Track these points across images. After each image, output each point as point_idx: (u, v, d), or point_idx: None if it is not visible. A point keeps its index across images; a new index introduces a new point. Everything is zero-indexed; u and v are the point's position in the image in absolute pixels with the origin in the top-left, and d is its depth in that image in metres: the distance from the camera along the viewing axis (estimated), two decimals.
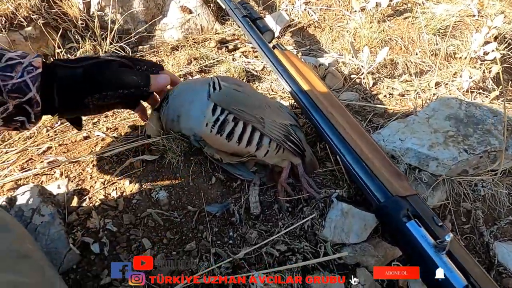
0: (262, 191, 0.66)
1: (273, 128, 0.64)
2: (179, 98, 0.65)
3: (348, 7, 1.15)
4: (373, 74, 0.97)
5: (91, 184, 0.69)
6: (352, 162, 0.62)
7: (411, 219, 0.54)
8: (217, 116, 0.61)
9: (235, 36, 1.16)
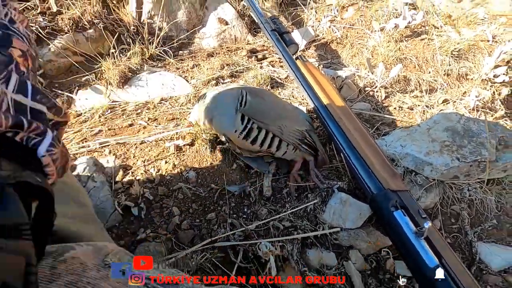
0: (274, 179, 0.77)
1: (290, 134, 0.76)
2: (213, 105, 0.78)
3: (369, 27, 1.26)
4: (386, 88, 1.06)
5: (133, 162, 0.83)
6: (353, 159, 0.72)
7: (398, 209, 0.63)
8: (245, 124, 0.73)
9: (264, 47, 1.29)
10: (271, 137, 0.74)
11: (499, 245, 0.73)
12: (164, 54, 1.21)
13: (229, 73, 1.13)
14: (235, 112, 0.74)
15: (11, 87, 0.32)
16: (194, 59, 1.24)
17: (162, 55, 1.21)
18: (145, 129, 0.94)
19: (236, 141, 0.76)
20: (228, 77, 1.12)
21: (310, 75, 0.92)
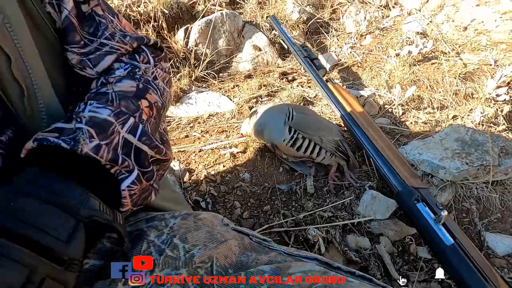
0: (315, 179, 0.94)
1: (328, 143, 0.93)
2: (264, 117, 0.96)
3: (386, 53, 1.44)
4: (403, 105, 1.24)
5: (195, 166, 1.01)
6: (380, 162, 0.89)
7: (419, 202, 0.79)
8: (292, 135, 0.90)
9: (293, 69, 1.48)
10: (313, 145, 0.91)
11: (504, 235, 0.88)
12: (208, 76, 1.41)
13: (266, 92, 1.31)
14: (283, 125, 0.91)
15: (125, 128, 0.41)
16: (234, 80, 1.43)
17: (206, 77, 1.40)
18: (199, 140, 1.12)
19: (283, 148, 0.93)
20: (266, 96, 1.30)
21: (339, 94, 1.10)
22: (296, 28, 1.56)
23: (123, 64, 0.48)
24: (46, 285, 0.30)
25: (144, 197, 0.43)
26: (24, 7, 0.40)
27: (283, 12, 1.58)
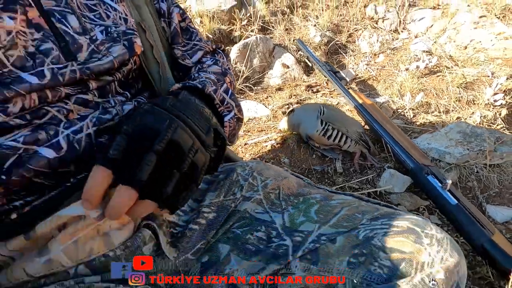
0: (343, 162, 1.15)
1: (353, 133, 1.15)
2: (300, 114, 1.19)
3: (397, 68, 1.68)
4: (413, 110, 1.46)
5: (243, 156, 1.24)
6: (397, 148, 1.10)
7: (429, 175, 1.00)
8: (323, 126, 1.13)
9: (317, 83, 1.73)
10: (341, 134, 1.13)
11: (502, 206, 1.06)
12: (245, 89, 1.66)
13: (295, 101, 1.56)
14: (316, 119, 1.14)
15: (222, 88, 0.62)
16: (266, 92, 1.68)
17: (244, 89, 1.66)
18: (242, 138, 1.35)
19: (316, 138, 1.16)
20: (296, 103, 1.55)
21: (359, 98, 1.33)
22: (318, 49, 1.83)
23: (209, 58, 0.71)
24: (197, 155, 0.43)
25: (233, 134, 0.64)
26: (154, 22, 0.66)
27: (307, 36, 1.86)
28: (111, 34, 0.53)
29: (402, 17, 1.99)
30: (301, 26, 1.94)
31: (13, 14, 0.44)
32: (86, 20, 0.51)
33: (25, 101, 0.44)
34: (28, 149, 0.43)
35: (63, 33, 0.48)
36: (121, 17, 0.56)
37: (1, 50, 0.43)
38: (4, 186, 0.43)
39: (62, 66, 0.46)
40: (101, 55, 0.50)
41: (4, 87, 0.42)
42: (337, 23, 1.97)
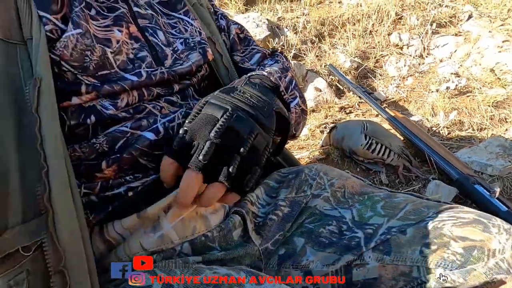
0: (387, 175, 1.20)
1: (395, 147, 1.21)
2: (344, 130, 1.26)
3: (426, 89, 1.76)
4: (447, 128, 1.51)
5: None
6: (439, 160, 1.15)
7: (476, 184, 1.04)
8: (367, 141, 1.20)
9: (349, 105, 1.81)
10: (384, 148, 1.19)
11: None
12: None
13: (331, 121, 1.63)
14: (360, 133, 1.21)
15: (287, 79, 0.67)
16: None
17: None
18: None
19: (360, 152, 1.22)
20: (331, 123, 1.62)
21: (396, 116, 1.40)
22: (348, 74, 1.93)
23: (269, 60, 0.78)
24: (257, 139, 0.46)
25: (298, 122, 0.68)
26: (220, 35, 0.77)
27: (337, 62, 1.97)
28: (189, 44, 0.65)
29: (425, 43, 2.10)
30: (330, 53, 2.06)
31: (120, 28, 0.57)
32: (169, 35, 0.64)
33: (129, 98, 0.55)
34: (134, 133, 0.54)
35: (154, 45, 0.60)
36: (196, 30, 0.69)
37: (112, 54, 0.55)
38: (117, 164, 0.52)
39: (153, 69, 0.58)
40: (182, 61, 0.63)
41: (113, 83, 0.53)
42: (364, 50, 2.08)
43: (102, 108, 0.53)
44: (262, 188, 0.69)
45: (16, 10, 0.49)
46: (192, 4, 0.75)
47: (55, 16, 0.51)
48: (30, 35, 0.48)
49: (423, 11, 2.29)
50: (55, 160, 0.44)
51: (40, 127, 0.44)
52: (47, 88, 0.46)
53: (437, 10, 2.28)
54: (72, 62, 0.50)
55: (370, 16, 2.28)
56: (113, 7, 0.59)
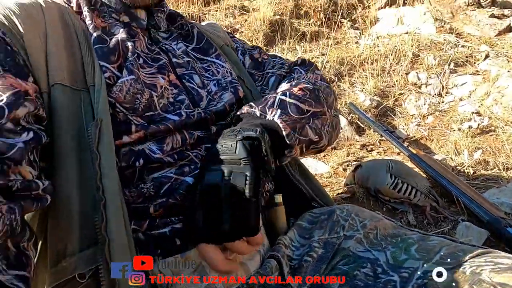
0: (414, 216, 1.19)
1: (422, 187, 1.21)
2: (369, 169, 1.27)
3: (448, 127, 1.77)
4: (472, 167, 1.50)
5: None
6: (468, 201, 1.14)
7: (508, 227, 1.02)
8: (393, 180, 1.21)
9: (370, 142, 1.83)
10: (411, 188, 1.19)
11: None
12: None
13: (353, 158, 1.65)
14: (386, 173, 1.22)
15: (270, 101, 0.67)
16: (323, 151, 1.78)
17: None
18: None
19: (386, 191, 1.22)
20: (354, 161, 1.63)
21: (418, 154, 1.40)
22: (368, 112, 1.96)
23: (285, 80, 0.80)
24: (231, 180, 0.50)
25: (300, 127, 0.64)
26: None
27: (357, 101, 2.01)
28: (221, 85, 0.72)
29: (444, 82, 2.13)
30: (349, 92, 2.11)
31: (163, 76, 0.65)
32: (204, 78, 0.71)
33: (173, 142, 0.60)
34: (178, 178, 0.58)
35: (190, 89, 0.68)
36: (227, 71, 0.75)
37: (157, 98, 0.62)
38: (163, 208, 0.56)
39: (191, 110, 0.65)
40: (216, 102, 0.69)
41: (158, 123, 0.60)
42: (382, 89, 2.13)
43: (150, 152, 0.58)
44: (294, 230, 0.70)
45: (81, 62, 0.57)
46: (220, 46, 0.82)
47: (112, 66, 0.59)
48: (92, 82, 0.55)
49: (440, 51, 2.35)
50: (112, 193, 0.49)
51: (100, 163, 0.49)
52: (106, 127, 0.52)
53: (454, 50, 2.34)
54: (125, 103, 0.57)
55: (387, 56, 2.35)
56: (157, 58, 0.67)
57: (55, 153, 0.50)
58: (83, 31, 0.60)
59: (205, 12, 2.99)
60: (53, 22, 0.57)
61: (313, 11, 3.04)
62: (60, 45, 0.56)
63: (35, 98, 0.49)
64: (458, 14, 2.96)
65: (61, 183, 0.49)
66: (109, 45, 0.60)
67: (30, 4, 0.57)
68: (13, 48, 0.50)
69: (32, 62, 0.52)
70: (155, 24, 0.72)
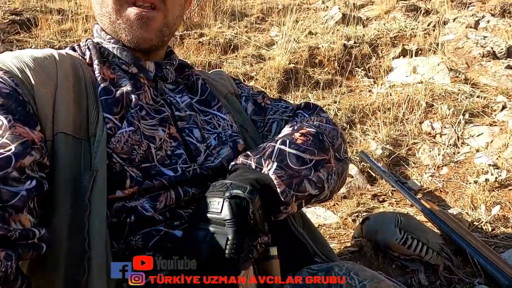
0: (426, 275, 1.12)
1: (433, 244, 1.15)
2: (377, 222, 1.23)
3: (464, 180, 1.71)
4: (491, 223, 1.42)
5: None
6: (485, 262, 1.06)
7: None
8: (402, 235, 1.15)
9: (382, 193, 1.78)
10: (421, 244, 1.13)
11: None
12: None
13: (364, 209, 1.59)
14: (394, 227, 1.16)
15: (279, 143, 0.66)
16: (333, 200, 1.74)
17: None
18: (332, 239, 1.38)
19: (395, 247, 1.16)
20: (364, 212, 1.58)
21: (433, 209, 1.35)
22: (380, 161, 1.93)
23: (288, 125, 0.78)
24: (213, 242, 0.49)
25: (297, 183, 0.61)
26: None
27: (368, 149, 1.99)
28: (221, 139, 0.72)
29: (459, 133, 2.09)
30: (361, 140, 2.10)
31: (164, 128, 0.66)
32: (204, 131, 0.72)
33: (167, 199, 0.60)
34: (168, 232, 0.58)
35: (189, 143, 0.68)
36: (228, 123, 0.76)
37: (155, 149, 0.62)
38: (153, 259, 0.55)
39: (188, 166, 0.65)
40: (213, 157, 0.69)
41: (153, 178, 0.59)
42: (395, 138, 2.11)
43: (142, 209, 0.58)
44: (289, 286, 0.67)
45: (87, 112, 0.60)
46: (224, 94, 0.83)
47: (115, 117, 0.61)
48: (94, 132, 0.57)
49: (454, 101, 2.33)
50: (98, 247, 0.49)
51: (90, 214, 0.50)
52: (101, 178, 0.53)
53: (469, 100, 2.32)
54: (122, 154, 0.58)
55: (400, 105, 2.35)
56: (160, 110, 0.69)
57: (51, 199, 0.52)
58: (92, 82, 0.64)
59: (223, 60, 3.14)
60: (66, 74, 0.61)
61: (327, 60, 3.13)
62: (69, 97, 0.59)
63: (40, 147, 0.51)
64: (473, 65, 2.97)
65: (53, 230, 0.50)
66: (114, 96, 0.63)
67: (45, 57, 0.60)
68: (25, 98, 0.53)
69: (40, 111, 0.54)
70: (162, 75, 0.75)
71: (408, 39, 3.44)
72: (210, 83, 0.84)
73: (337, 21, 4.08)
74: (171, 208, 0.61)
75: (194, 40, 3.46)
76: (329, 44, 3.20)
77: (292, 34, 3.38)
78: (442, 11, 4.09)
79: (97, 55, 0.67)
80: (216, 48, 3.27)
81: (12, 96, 0.51)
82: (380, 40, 3.33)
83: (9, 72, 0.54)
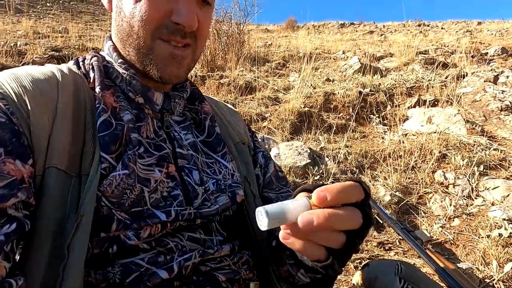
0: None
1: None
2: (376, 269, 1.18)
3: (476, 233, 1.62)
4: (504, 281, 1.33)
5: None
6: None
7: None
8: (402, 285, 1.10)
9: (389, 241, 1.71)
10: None
11: None
12: None
13: (367, 256, 1.53)
14: (394, 275, 1.11)
15: None
16: None
17: None
18: None
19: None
20: (367, 259, 1.51)
21: (440, 261, 1.28)
22: (388, 208, 1.88)
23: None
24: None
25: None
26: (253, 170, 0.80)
27: (376, 195, 1.95)
28: (219, 186, 0.67)
29: (473, 184, 2.02)
30: (370, 185, 2.06)
31: (161, 168, 0.60)
32: (204, 174, 0.67)
33: (152, 229, 0.57)
34: (149, 268, 0.55)
35: (187, 184, 0.63)
36: (230, 173, 0.71)
37: (148, 193, 0.57)
38: None
39: (183, 209, 0.59)
40: (210, 203, 0.64)
41: (142, 220, 0.55)
42: (406, 185, 2.06)
43: (125, 238, 0.55)
44: None
45: (83, 145, 0.55)
46: (235, 143, 0.78)
47: (111, 156, 0.55)
48: (87, 172, 0.52)
49: (469, 152, 2.29)
50: None
51: (66, 265, 0.47)
52: (85, 224, 0.50)
53: (485, 153, 2.27)
54: (112, 198, 0.53)
55: (412, 152, 2.33)
56: (160, 146, 0.62)
57: (31, 238, 0.49)
58: (92, 111, 0.58)
59: (240, 100, 3.25)
60: (66, 101, 0.56)
61: (342, 106, 3.18)
62: (66, 128, 0.54)
63: (28, 186, 0.48)
64: (491, 118, 2.94)
65: (31, 265, 0.48)
66: (114, 131, 0.58)
67: (46, 79, 0.57)
68: (19, 129, 0.49)
69: (34, 142, 0.51)
70: (169, 108, 0.69)
71: (425, 90, 3.47)
72: (222, 123, 0.79)
73: (355, 70, 4.20)
74: (157, 237, 0.57)
75: (215, 81, 3.63)
76: (344, 90, 3.27)
77: (309, 80, 3.49)
78: (461, 65, 4.14)
79: (101, 80, 0.62)
80: (235, 89, 3.41)
81: (7, 126, 0.48)
82: (396, 90, 3.38)
83: (5, 98, 0.51)
